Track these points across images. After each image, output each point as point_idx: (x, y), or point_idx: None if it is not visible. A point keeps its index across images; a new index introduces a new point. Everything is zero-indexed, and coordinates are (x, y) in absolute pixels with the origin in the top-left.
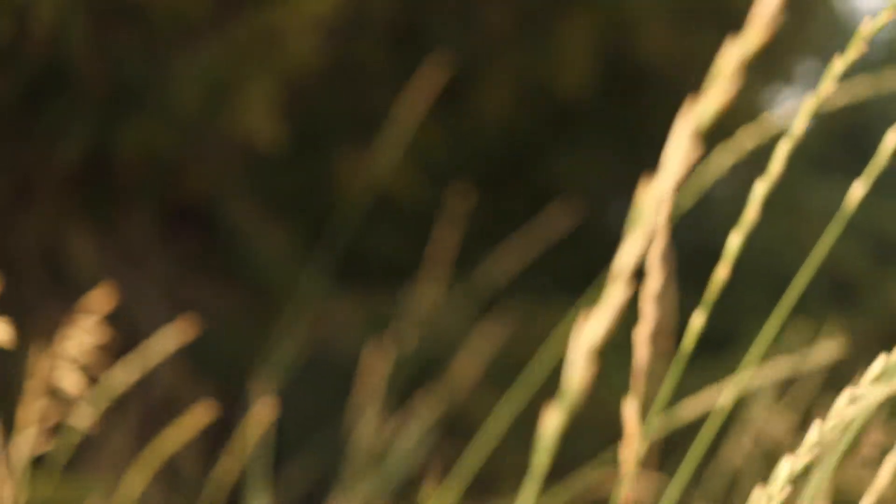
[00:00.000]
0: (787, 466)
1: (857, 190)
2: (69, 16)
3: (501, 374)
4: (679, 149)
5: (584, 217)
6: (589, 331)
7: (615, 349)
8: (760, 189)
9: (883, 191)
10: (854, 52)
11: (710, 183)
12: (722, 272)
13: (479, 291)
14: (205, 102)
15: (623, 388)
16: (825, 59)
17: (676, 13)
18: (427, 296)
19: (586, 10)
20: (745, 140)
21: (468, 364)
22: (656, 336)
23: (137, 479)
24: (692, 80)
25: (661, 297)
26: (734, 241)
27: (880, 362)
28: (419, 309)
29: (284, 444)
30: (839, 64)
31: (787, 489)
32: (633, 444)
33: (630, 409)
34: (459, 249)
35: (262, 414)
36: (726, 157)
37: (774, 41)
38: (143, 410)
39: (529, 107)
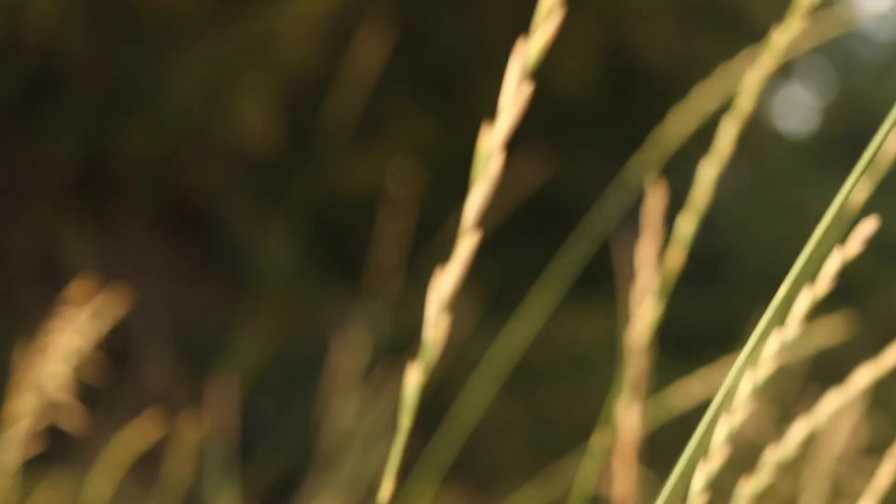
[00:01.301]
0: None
1: (860, 193)
2: (66, 17)
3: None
4: (512, 91)
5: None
6: (440, 286)
7: (607, 347)
8: (710, 172)
9: (885, 188)
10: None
11: (674, 148)
12: (675, 258)
13: (485, 286)
14: (202, 103)
15: (610, 385)
16: (824, 55)
17: (677, 13)
18: (391, 284)
19: (587, 10)
20: (700, 102)
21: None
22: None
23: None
24: (693, 79)
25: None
26: (685, 228)
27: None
28: (387, 295)
29: (264, 435)
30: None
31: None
32: (631, 442)
33: (624, 407)
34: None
35: (220, 409)
36: (688, 120)
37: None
38: (138, 411)
39: (530, 104)
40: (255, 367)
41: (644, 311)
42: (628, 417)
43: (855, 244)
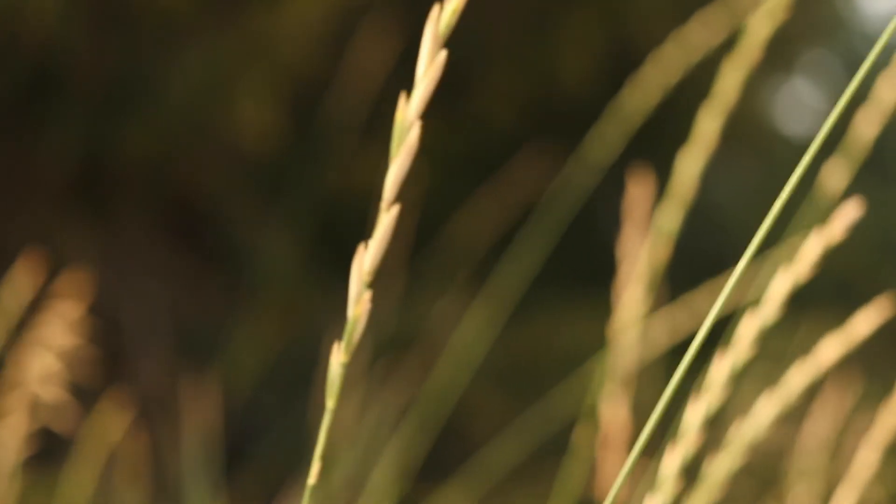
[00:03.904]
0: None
1: (834, 176)
2: (65, 17)
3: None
4: (426, 59)
5: (583, 214)
6: (362, 262)
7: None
8: (692, 165)
9: (887, 186)
10: None
11: (637, 122)
12: (662, 253)
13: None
14: (202, 103)
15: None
16: (826, 50)
17: (681, 10)
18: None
19: (589, 8)
20: (658, 76)
21: (439, 347)
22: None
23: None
24: (696, 76)
25: (652, 294)
26: (667, 221)
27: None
28: (389, 296)
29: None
30: None
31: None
32: (619, 436)
33: (612, 403)
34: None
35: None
36: (651, 92)
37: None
38: (138, 411)
39: (532, 104)
40: (254, 366)
41: (627, 303)
42: (616, 410)
43: (837, 228)
